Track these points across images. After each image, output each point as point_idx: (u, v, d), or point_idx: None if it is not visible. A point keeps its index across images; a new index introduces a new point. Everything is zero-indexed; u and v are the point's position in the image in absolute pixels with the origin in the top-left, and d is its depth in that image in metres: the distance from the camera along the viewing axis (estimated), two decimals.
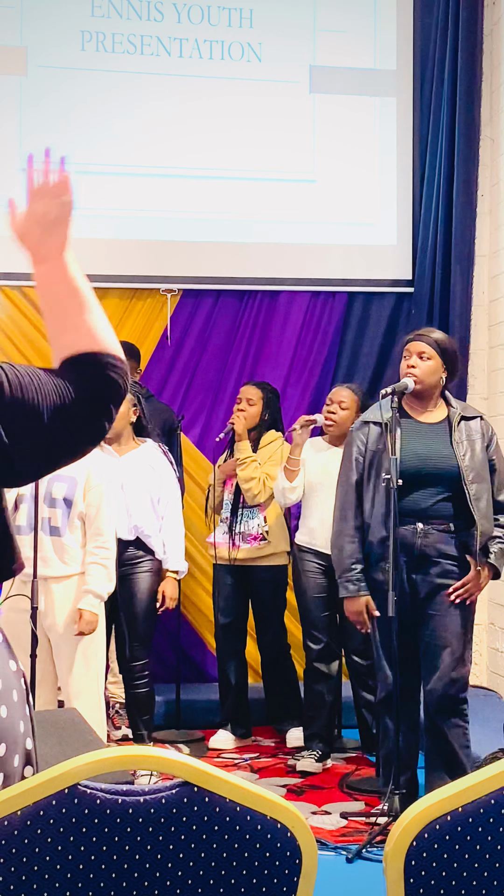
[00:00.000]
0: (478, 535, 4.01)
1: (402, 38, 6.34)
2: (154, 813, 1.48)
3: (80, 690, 4.09)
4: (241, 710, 5.32)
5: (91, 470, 4.13)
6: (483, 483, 4.05)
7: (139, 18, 6.12)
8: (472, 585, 4.03)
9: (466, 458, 4.05)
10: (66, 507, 4.10)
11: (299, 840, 1.51)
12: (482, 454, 4.09)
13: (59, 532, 4.10)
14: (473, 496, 4.01)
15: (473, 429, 4.12)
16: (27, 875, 1.46)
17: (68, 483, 4.10)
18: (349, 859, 3.78)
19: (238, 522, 5.25)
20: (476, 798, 1.51)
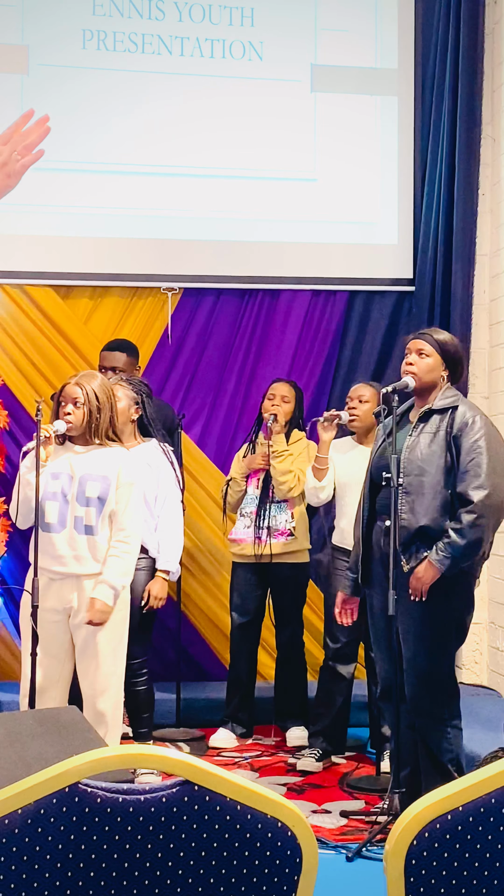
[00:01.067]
0: (395, 528, 3.91)
1: (404, 37, 6.33)
2: (154, 811, 1.48)
3: (107, 687, 4.12)
4: (245, 708, 5.32)
5: (122, 468, 4.16)
6: (424, 476, 3.93)
7: (140, 17, 6.12)
8: (412, 581, 3.91)
9: (408, 451, 3.98)
10: (99, 506, 4.12)
11: (300, 839, 1.51)
12: (437, 446, 3.95)
13: (93, 531, 4.12)
14: (402, 489, 3.93)
15: (438, 420, 4.01)
16: (27, 873, 1.46)
17: (101, 482, 4.12)
18: (349, 858, 3.78)
19: (265, 517, 5.24)
20: (477, 797, 1.51)
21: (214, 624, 6.07)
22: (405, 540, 3.93)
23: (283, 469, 5.18)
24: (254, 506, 5.27)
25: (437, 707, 3.98)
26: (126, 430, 4.71)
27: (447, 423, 3.98)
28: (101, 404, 4.19)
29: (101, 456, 4.18)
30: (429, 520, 3.91)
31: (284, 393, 5.33)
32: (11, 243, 5.94)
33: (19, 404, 5.92)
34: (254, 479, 5.32)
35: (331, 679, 5.01)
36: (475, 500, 3.85)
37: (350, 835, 4.03)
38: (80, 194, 6.02)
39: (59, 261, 6.01)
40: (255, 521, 5.25)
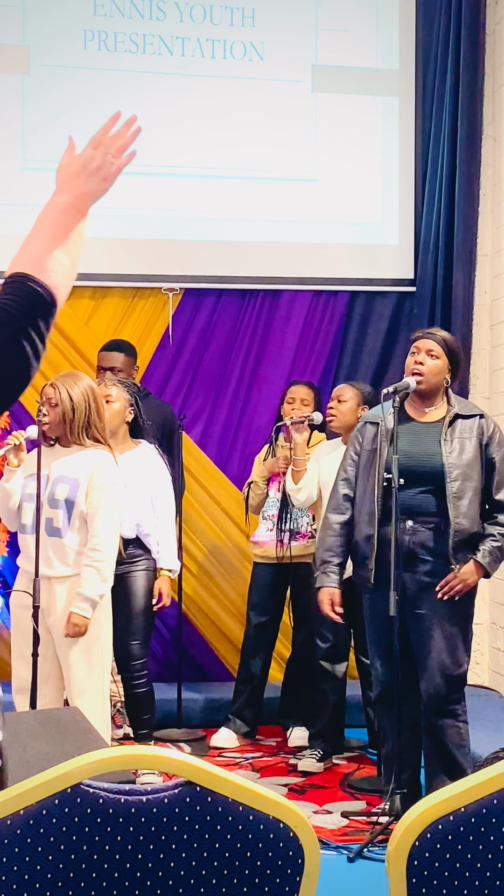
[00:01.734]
0: (452, 532, 3.99)
1: (405, 38, 6.33)
2: (156, 812, 1.48)
3: (82, 690, 4.08)
4: (252, 707, 5.32)
5: (95, 471, 4.11)
6: (469, 481, 4.02)
7: (141, 17, 6.12)
8: (455, 582, 3.99)
9: (452, 456, 4.03)
10: (67, 508, 4.09)
11: (302, 839, 1.51)
12: (474, 452, 4.06)
13: (60, 533, 4.09)
14: (453, 494, 3.99)
15: (468, 427, 4.09)
16: (30, 874, 1.46)
17: (71, 484, 4.09)
18: (351, 859, 3.78)
19: (287, 520, 5.24)
20: (478, 798, 1.51)
21: (215, 625, 6.07)
22: (458, 543, 4.01)
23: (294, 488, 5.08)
24: (275, 509, 5.28)
25: (454, 705, 4.05)
26: (119, 432, 4.68)
27: (477, 431, 4.09)
28: (76, 405, 4.12)
29: (78, 458, 4.13)
30: (478, 525, 4.06)
31: (304, 396, 5.30)
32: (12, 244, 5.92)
33: (20, 405, 5.91)
34: (275, 483, 5.32)
35: (323, 679, 5.02)
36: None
37: (351, 835, 4.02)
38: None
39: None
40: (276, 524, 5.25)
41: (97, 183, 1.91)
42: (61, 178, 1.90)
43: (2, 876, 1.45)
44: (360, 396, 5.05)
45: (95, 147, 1.92)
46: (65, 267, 1.80)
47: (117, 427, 4.63)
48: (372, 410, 4.32)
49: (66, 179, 1.90)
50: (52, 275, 1.77)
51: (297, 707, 5.34)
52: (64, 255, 1.81)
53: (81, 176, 1.89)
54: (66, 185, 1.89)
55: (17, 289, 1.75)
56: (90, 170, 1.90)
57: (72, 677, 4.08)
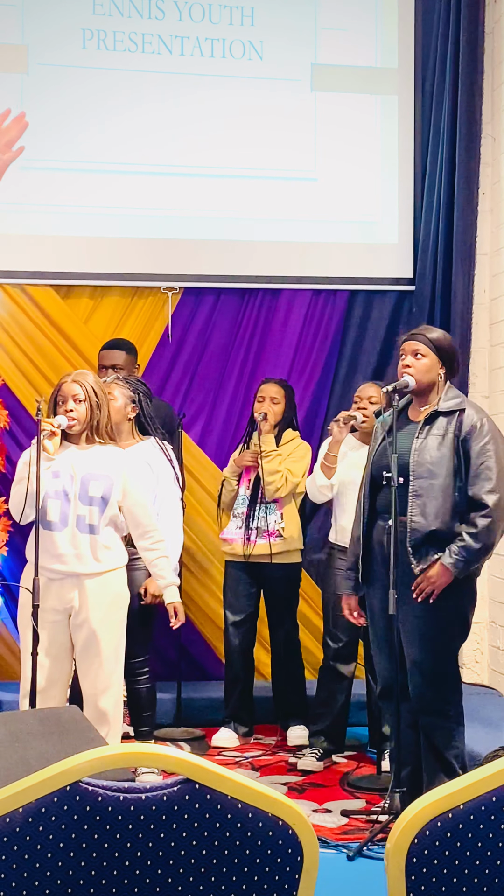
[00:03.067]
0: (408, 531, 3.93)
1: (404, 37, 6.33)
2: (156, 810, 1.48)
3: (108, 685, 4.13)
4: (245, 707, 5.33)
5: (127, 470, 4.19)
6: (433, 479, 3.94)
7: (140, 16, 6.12)
8: (423, 584, 3.93)
9: (417, 454, 3.97)
10: (102, 506, 4.12)
11: (301, 837, 1.51)
12: (447, 450, 3.96)
13: (95, 530, 4.12)
14: (412, 492, 3.94)
15: (445, 423, 4.01)
16: (29, 872, 1.46)
17: (104, 481, 4.13)
18: (350, 857, 3.78)
19: (255, 518, 5.25)
20: (477, 795, 1.52)
21: (215, 623, 6.07)
22: (416, 542, 3.94)
23: (271, 469, 5.18)
24: (244, 506, 5.29)
25: (443, 704, 4.01)
26: (124, 429, 4.71)
27: (455, 426, 3.99)
28: (101, 401, 4.21)
29: (102, 455, 4.18)
30: (440, 523, 3.93)
31: (273, 394, 5.32)
32: (11, 243, 5.94)
33: (19, 404, 5.92)
34: (245, 480, 5.33)
35: (332, 679, 5.01)
36: (490, 504, 3.90)
37: (351, 834, 4.03)
38: (80, 194, 6.01)
39: (59, 260, 6.01)
40: (244, 521, 5.25)
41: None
42: None
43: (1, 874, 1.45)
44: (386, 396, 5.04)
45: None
46: None
47: (119, 423, 4.65)
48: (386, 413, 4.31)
49: None
50: None
51: (291, 707, 5.34)
52: None
53: None
54: None
55: None
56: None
57: (101, 673, 4.11)
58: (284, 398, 5.35)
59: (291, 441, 5.33)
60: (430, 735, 4.01)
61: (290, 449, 5.29)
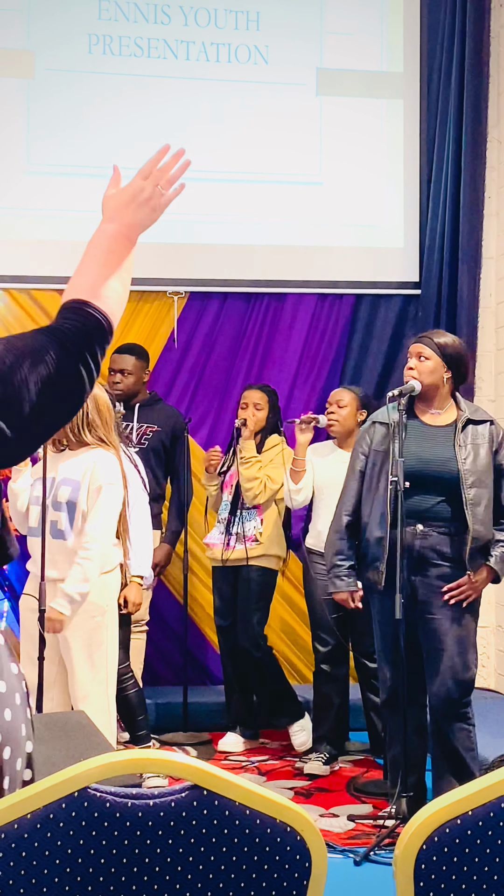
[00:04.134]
0: (469, 538, 4.00)
1: (409, 41, 6.33)
2: (163, 816, 1.48)
3: (86, 694, 4.07)
4: (245, 711, 5.32)
5: (93, 470, 4.10)
6: (483, 488, 4.04)
7: (146, 21, 6.13)
8: (466, 588, 4.01)
9: (467, 462, 4.03)
10: (69, 511, 4.08)
11: (309, 843, 1.51)
12: (487, 458, 4.07)
13: (64, 535, 4.08)
14: (470, 501, 4.00)
15: (480, 433, 4.10)
16: (37, 878, 1.46)
17: (72, 486, 4.08)
18: (357, 862, 3.78)
19: (236, 523, 5.25)
20: (486, 801, 1.51)
21: None
22: (475, 550, 4.03)
23: (250, 475, 5.18)
24: (226, 512, 5.29)
25: (465, 707, 4.07)
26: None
27: (488, 437, 4.10)
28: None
29: (80, 459, 4.12)
30: (489, 530, 4.08)
31: (257, 400, 5.32)
32: (18, 247, 5.95)
33: None
34: (227, 486, 5.33)
35: (325, 682, 5.02)
36: None
37: (358, 839, 4.02)
38: (86, 198, 6.01)
39: (65, 265, 5.99)
40: (226, 526, 5.26)
41: (147, 213, 1.94)
42: (110, 207, 1.93)
43: (9, 879, 1.45)
44: (357, 400, 5.09)
45: (145, 178, 1.96)
46: (118, 294, 1.85)
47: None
48: (380, 410, 4.30)
49: (115, 209, 1.92)
50: (107, 301, 1.81)
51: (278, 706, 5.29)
52: (118, 283, 1.85)
53: (131, 206, 1.92)
54: (116, 214, 1.92)
55: (76, 315, 1.79)
56: (140, 200, 1.93)
57: (76, 681, 4.07)
58: (268, 403, 5.34)
59: (274, 447, 5.30)
60: (451, 738, 4.04)
61: (271, 455, 5.27)
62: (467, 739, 4.06)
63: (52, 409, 1.75)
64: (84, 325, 1.78)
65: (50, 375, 1.72)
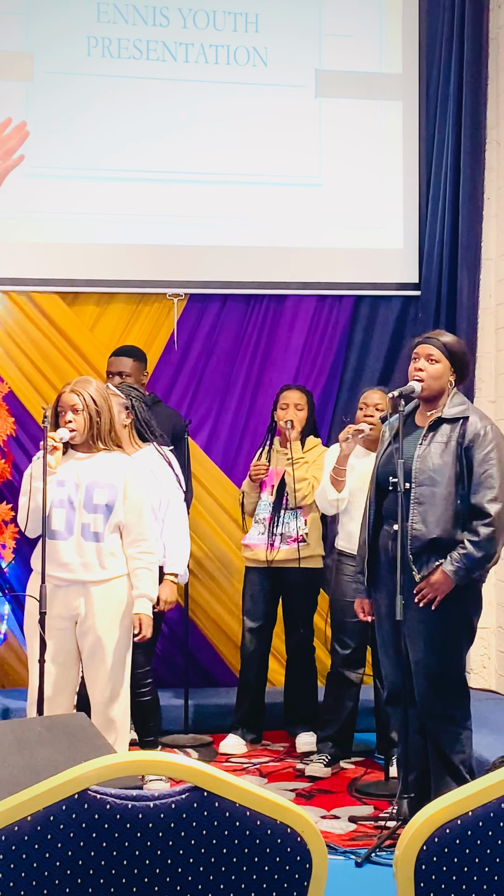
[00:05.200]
0: (409, 539, 3.94)
1: (408, 42, 6.34)
2: (164, 818, 1.48)
3: (116, 694, 4.13)
4: (255, 713, 5.32)
5: (129, 476, 4.18)
6: (435, 487, 3.94)
7: (145, 24, 6.13)
8: (426, 591, 3.95)
9: (420, 461, 3.98)
10: (106, 513, 4.13)
11: (309, 844, 1.51)
12: (450, 457, 3.96)
13: (100, 538, 4.12)
14: (414, 499, 3.95)
15: (449, 430, 4.01)
16: (37, 880, 1.46)
17: (109, 490, 4.13)
18: (358, 863, 3.77)
19: (279, 523, 5.24)
20: (486, 802, 1.51)
21: (222, 630, 6.07)
22: (417, 549, 3.95)
23: (300, 476, 5.18)
24: (267, 512, 5.28)
25: (449, 709, 4.01)
26: (123, 437, 4.68)
27: (458, 433, 3.99)
28: (100, 408, 4.19)
29: (107, 462, 4.18)
30: (441, 530, 3.94)
31: (297, 401, 5.32)
32: (17, 250, 5.95)
33: (26, 411, 5.92)
34: (268, 486, 5.32)
35: (340, 685, 5.01)
36: (492, 513, 3.92)
37: (359, 840, 4.02)
38: (85, 201, 6.02)
39: (64, 268, 6.01)
40: (268, 527, 5.25)
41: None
42: None
43: (10, 882, 1.45)
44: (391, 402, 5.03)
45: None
46: None
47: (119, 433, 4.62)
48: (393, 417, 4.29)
49: None
50: None
51: (301, 713, 5.33)
52: None
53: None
54: None
55: None
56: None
57: (105, 682, 4.11)
58: (307, 404, 5.34)
59: (314, 448, 5.33)
60: (436, 739, 4.01)
61: (313, 456, 5.29)
62: (453, 741, 4.00)
63: None
64: None
65: None
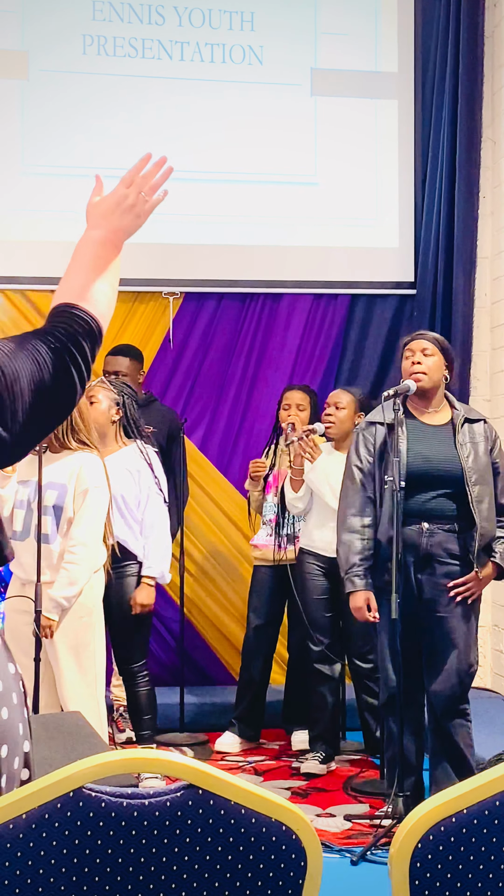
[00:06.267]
0: (477, 536, 4.03)
1: (404, 41, 6.34)
2: (159, 816, 1.48)
3: (74, 695, 4.06)
4: (255, 711, 5.32)
5: (80, 474, 4.09)
6: (485, 485, 4.07)
7: (140, 22, 6.13)
8: (473, 584, 4.04)
9: (469, 460, 4.07)
10: (55, 514, 4.07)
11: (304, 842, 1.51)
12: (485, 457, 4.11)
13: (49, 539, 4.07)
14: (475, 498, 4.03)
15: (477, 431, 4.14)
16: (32, 878, 1.46)
17: (59, 490, 4.07)
18: (354, 862, 3.78)
19: (286, 524, 5.25)
20: (480, 800, 1.51)
21: (218, 628, 6.07)
22: (481, 546, 4.05)
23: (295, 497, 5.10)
24: (273, 514, 5.30)
25: (466, 704, 4.11)
26: (108, 433, 4.62)
27: (485, 435, 4.15)
28: None
29: (65, 463, 4.10)
30: (493, 527, 4.11)
31: (299, 401, 5.32)
32: (12, 248, 5.94)
33: None
34: (272, 488, 5.33)
35: (319, 681, 5.01)
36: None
37: (354, 838, 4.02)
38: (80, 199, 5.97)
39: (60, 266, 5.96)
40: (274, 528, 5.27)
41: (131, 220, 1.98)
42: (95, 214, 1.99)
43: (4, 880, 1.45)
44: (356, 402, 5.06)
45: (128, 185, 2.00)
46: (107, 297, 1.91)
47: (103, 427, 4.57)
48: (375, 410, 4.27)
49: (100, 215, 1.98)
50: (96, 304, 1.88)
51: (299, 711, 5.33)
52: (106, 286, 1.91)
53: (116, 213, 1.97)
54: (102, 220, 1.97)
55: (66, 318, 1.84)
56: (124, 207, 1.98)
57: (63, 683, 4.07)
58: (310, 404, 5.34)
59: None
60: (453, 736, 4.06)
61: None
62: (468, 736, 4.10)
63: (45, 412, 1.80)
64: (74, 328, 1.83)
65: (43, 380, 1.77)
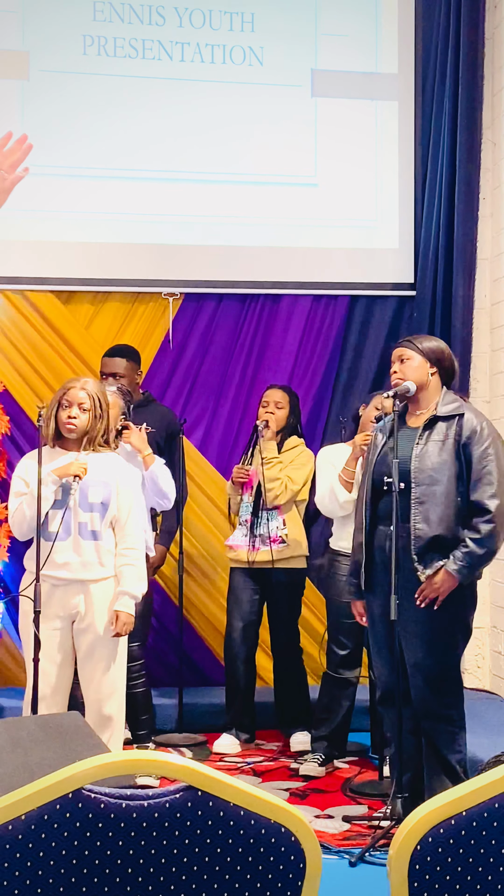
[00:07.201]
0: (412, 538, 3.93)
1: (404, 42, 6.34)
2: (158, 817, 1.48)
3: (113, 690, 4.16)
4: (247, 713, 5.32)
5: (121, 474, 4.23)
6: (436, 485, 3.93)
7: (141, 22, 6.13)
8: (427, 591, 3.94)
9: (418, 460, 3.97)
10: (102, 511, 4.16)
11: (303, 844, 1.51)
12: (448, 455, 3.96)
13: (97, 536, 4.15)
14: (415, 499, 3.94)
15: (445, 428, 4.00)
16: (31, 879, 1.46)
17: (103, 487, 4.16)
18: (352, 863, 3.78)
19: (258, 525, 5.26)
20: (479, 802, 1.51)
21: (216, 629, 6.06)
22: (420, 549, 3.94)
23: (271, 476, 5.20)
24: (248, 514, 5.30)
25: (446, 708, 4.02)
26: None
27: (455, 431, 3.99)
28: (103, 411, 4.24)
29: (100, 461, 4.21)
30: (443, 529, 3.94)
31: (278, 399, 5.35)
32: (12, 249, 5.94)
33: (20, 410, 5.92)
34: (248, 488, 5.34)
35: (336, 685, 5.00)
36: (492, 510, 3.92)
37: (353, 840, 4.02)
38: (81, 199, 6.02)
39: (60, 266, 6.01)
40: (248, 528, 5.27)
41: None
42: None
43: (3, 881, 1.45)
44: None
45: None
46: None
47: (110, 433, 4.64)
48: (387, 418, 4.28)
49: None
50: None
51: (293, 713, 5.34)
52: None
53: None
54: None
55: None
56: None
57: (105, 679, 4.14)
58: (289, 404, 5.36)
59: (294, 448, 5.33)
60: (432, 739, 4.01)
61: (292, 456, 5.30)
62: (450, 741, 4.00)
63: None
64: None
65: None
